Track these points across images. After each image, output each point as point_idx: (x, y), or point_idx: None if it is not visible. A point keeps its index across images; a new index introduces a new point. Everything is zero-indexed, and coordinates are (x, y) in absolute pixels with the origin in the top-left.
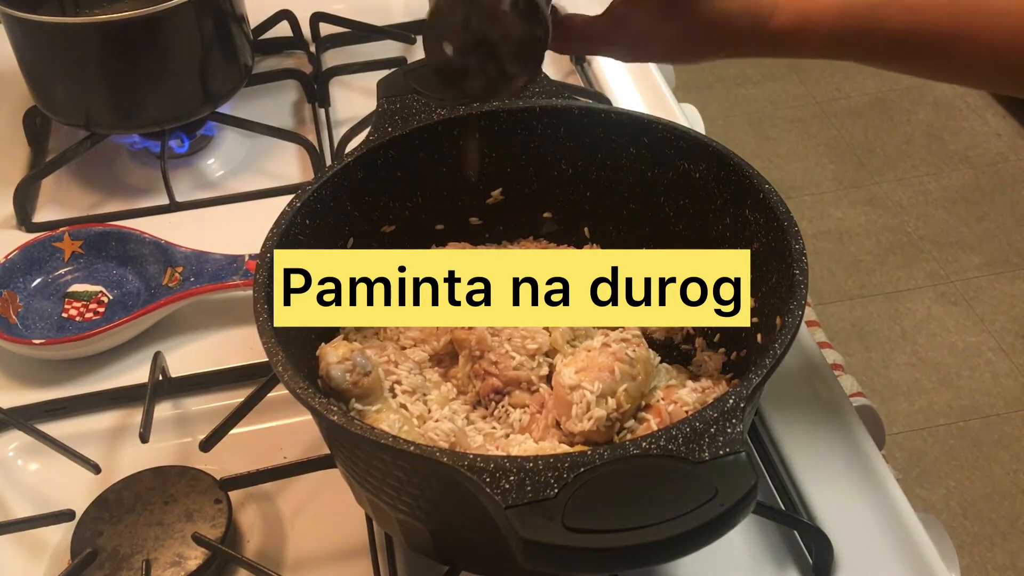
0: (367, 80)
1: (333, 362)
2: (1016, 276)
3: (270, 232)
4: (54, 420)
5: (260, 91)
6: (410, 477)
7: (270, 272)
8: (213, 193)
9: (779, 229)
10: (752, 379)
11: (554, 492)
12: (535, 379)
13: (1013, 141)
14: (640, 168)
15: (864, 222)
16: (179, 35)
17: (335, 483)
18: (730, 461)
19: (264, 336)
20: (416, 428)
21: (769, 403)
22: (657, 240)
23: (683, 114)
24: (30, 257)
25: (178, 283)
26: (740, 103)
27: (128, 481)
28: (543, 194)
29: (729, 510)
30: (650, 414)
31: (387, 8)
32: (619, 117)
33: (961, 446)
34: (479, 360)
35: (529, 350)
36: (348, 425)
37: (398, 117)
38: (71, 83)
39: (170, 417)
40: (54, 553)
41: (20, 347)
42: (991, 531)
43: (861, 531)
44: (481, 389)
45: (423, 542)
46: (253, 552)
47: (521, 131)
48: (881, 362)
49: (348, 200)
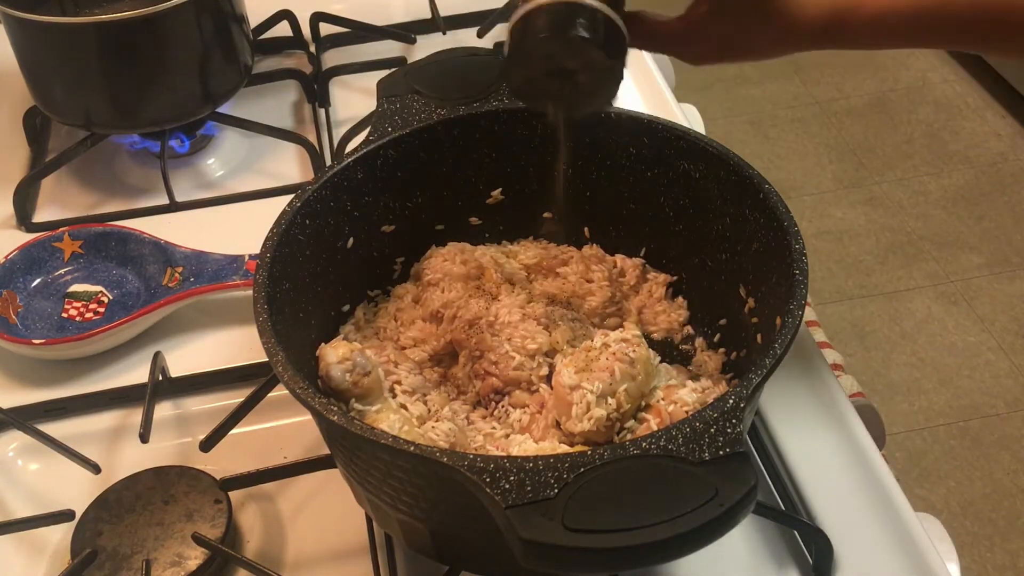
0: (367, 80)
1: (333, 362)
2: (1016, 276)
3: (270, 232)
4: (54, 420)
5: (260, 91)
6: (410, 477)
7: (270, 272)
8: (213, 193)
9: (779, 229)
10: (752, 379)
11: (554, 492)
12: (535, 379)
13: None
14: (640, 168)
15: (864, 222)
16: (179, 35)
17: (335, 483)
18: (730, 461)
19: (264, 336)
20: (416, 428)
21: (769, 403)
22: (657, 240)
23: (683, 114)
24: (30, 257)
25: (178, 283)
26: (740, 103)
27: (128, 481)
28: (543, 194)
29: (729, 510)
30: (650, 414)
31: (387, 8)
32: (619, 117)
33: (961, 446)
34: (479, 360)
35: (529, 350)
36: (348, 425)
37: (398, 117)
38: (71, 83)
39: (170, 417)
40: (54, 553)
41: (20, 347)
42: (991, 531)
43: (861, 531)
44: (481, 389)
45: (423, 542)
46: (253, 552)
47: (521, 131)
48: (881, 362)
49: (348, 200)
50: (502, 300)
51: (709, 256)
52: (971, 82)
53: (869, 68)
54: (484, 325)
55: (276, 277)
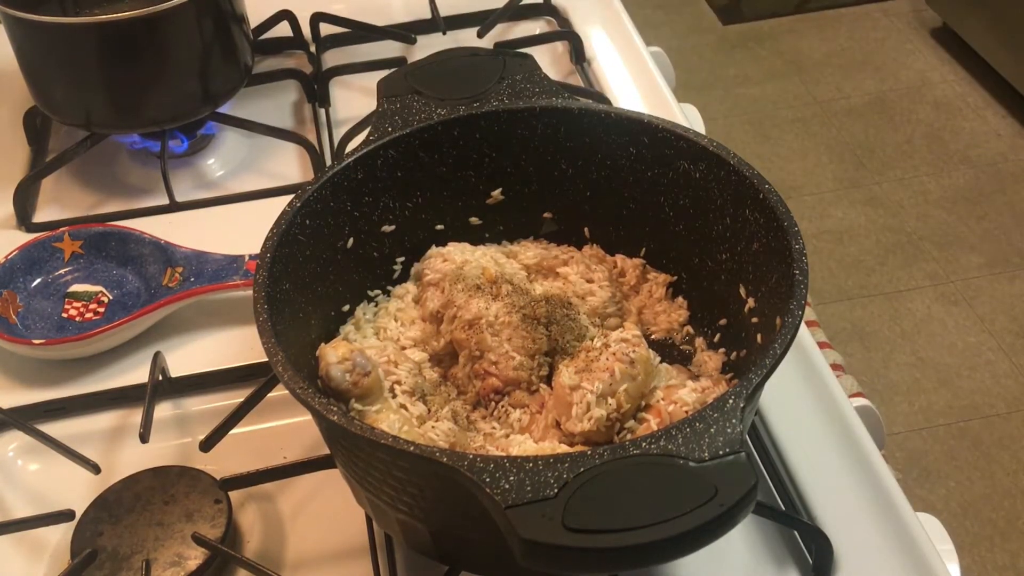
0: (367, 80)
1: (333, 362)
2: (1016, 276)
3: (270, 232)
4: (54, 420)
5: (260, 91)
6: (410, 477)
7: (270, 272)
8: (213, 193)
9: (779, 229)
10: (752, 379)
11: (554, 492)
12: (535, 379)
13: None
14: (640, 168)
15: (864, 222)
16: (179, 35)
17: (335, 483)
18: (730, 461)
19: (264, 336)
20: (416, 428)
21: (769, 403)
22: (657, 240)
23: (683, 114)
24: (30, 257)
25: (178, 283)
26: (740, 103)
27: (128, 481)
28: (543, 194)
29: (729, 510)
30: (650, 414)
31: (387, 8)
32: (619, 117)
33: (961, 446)
34: (479, 360)
35: (529, 350)
36: (348, 425)
37: (398, 117)
38: (71, 83)
39: (170, 417)
40: (54, 553)
41: (20, 347)
42: (991, 531)
43: (861, 531)
44: (481, 389)
45: (423, 542)
46: (253, 552)
47: (521, 131)
48: (881, 362)
49: (348, 200)
50: (501, 300)
51: (709, 256)
52: (971, 82)
53: (869, 68)
54: (484, 325)
55: (276, 277)
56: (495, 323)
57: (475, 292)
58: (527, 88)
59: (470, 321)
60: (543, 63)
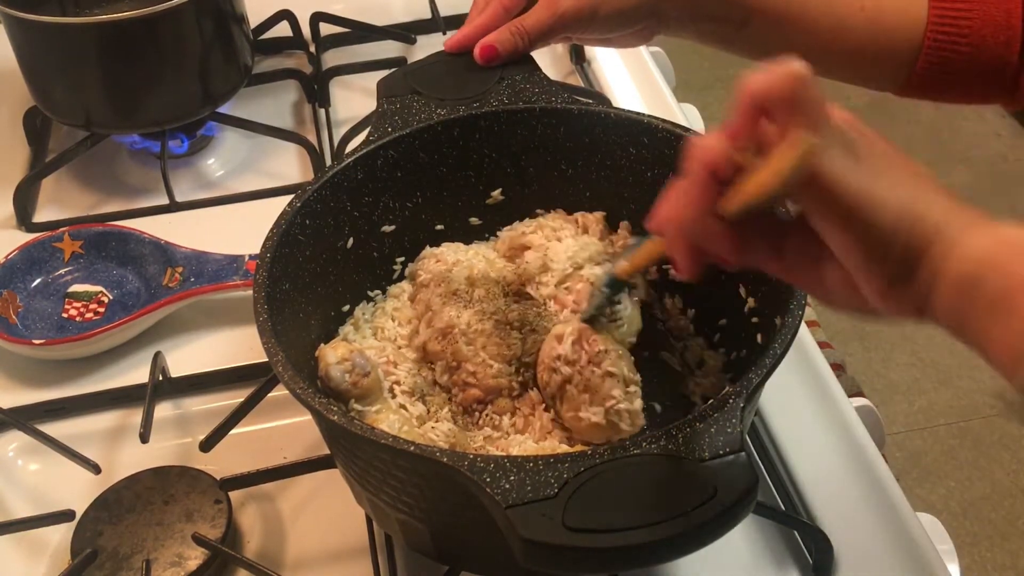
0: (367, 80)
1: (332, 362)
2: None
3: (270, 232)
4: (54, 420)
5: (260, 91)
6: (410, 477)
7: (270, 272)
8: (213, 193)
9: None
10: (752, 379)
11: (554, 492)
12: (515, 384)
13: (1013, 141)
14: (640, 168)
15: None
16: (179, 35)
17: (335, 483)
18: (729, 461)
19: (264, 336)
20: (416, 428)
21: (769, 403)
22: None
23: (683, 114)
24: (30, 257)
25: (178, 283)
26: None
27: (128, 481)
28: (543, 194)
29: (729, 510)
30: None
31: (387, 8)
32: (619, 117)
33: (961, 446)
34: (456, 371)
35: (505, 356)
36: (348, 425)
37: (398, 117)
38: (71, 83)
39: (170, 417)
40: (54, 553)
41: (20, 347)
42: (991, 531)
43: (861, 531)
44: (463, 400)
45: (423, 542)
46: (253, 552)
47: (521, 131)
48: (881, 362)
49: (348, 200)
50: (472, 307)
51: None
52: None
53: None
54: (458, 335)
55: (276, 277)
56: (468, 331)
57: (450, 299)
58: (527, 88)
59: (442, 330)
60: (543, 63)
